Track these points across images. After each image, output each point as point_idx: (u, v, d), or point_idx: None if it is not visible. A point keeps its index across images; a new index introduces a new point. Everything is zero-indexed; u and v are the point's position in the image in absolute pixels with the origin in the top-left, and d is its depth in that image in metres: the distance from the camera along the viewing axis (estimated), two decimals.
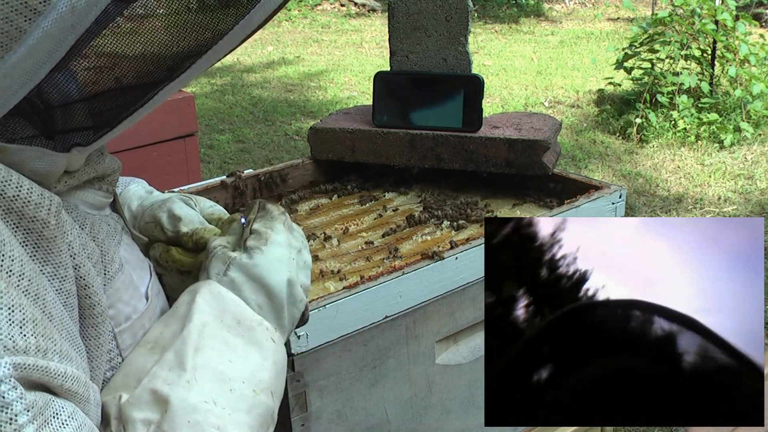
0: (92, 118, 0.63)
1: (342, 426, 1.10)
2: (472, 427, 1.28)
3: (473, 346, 1.25)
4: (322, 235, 1.34)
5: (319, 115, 5.72)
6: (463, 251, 1.17)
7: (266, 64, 7.75)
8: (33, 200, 0.58)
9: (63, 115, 0.61)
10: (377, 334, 1.10)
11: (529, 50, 8.12)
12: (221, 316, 0.70)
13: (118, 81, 0.61)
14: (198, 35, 0.60)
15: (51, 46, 0.53)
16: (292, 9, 10.93)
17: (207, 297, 0.71)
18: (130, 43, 0.59)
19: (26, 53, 0.52)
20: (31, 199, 0.58)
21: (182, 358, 0.67)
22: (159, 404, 0.64)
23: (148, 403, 0.64)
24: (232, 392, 0.67)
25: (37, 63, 0.53)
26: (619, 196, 1.38)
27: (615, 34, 8.69)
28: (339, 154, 1.55)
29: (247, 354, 0.70)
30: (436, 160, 1.50)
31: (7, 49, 0.51)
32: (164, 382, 0.65)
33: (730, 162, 4.56)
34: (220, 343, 0.69)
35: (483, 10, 10.40)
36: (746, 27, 5.07)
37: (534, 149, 1.42)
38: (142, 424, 0.63)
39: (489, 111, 5.43)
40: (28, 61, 0.53)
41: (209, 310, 0.70)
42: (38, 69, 0.54)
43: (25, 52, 0.52)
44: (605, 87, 5.80)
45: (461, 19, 1.47)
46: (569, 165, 4.59)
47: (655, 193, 4.18)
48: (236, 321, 0.71)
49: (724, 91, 5.22)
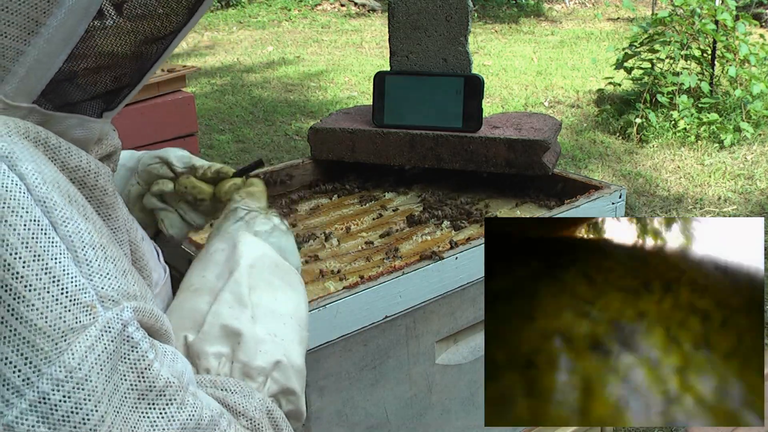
0: (117, 79, 0.65)
1: (342, 426, 1.10)
2: (472, 427, 1.28)
3: (473, 346, 1.25)
4: (322, 235, 1.34)
5: (319, 115, 5.72)
6: (463, 251, 1.17)
7: (266, 64, 7.75)
8: (92, 169, 0.60)
9: (94, 79, 0.64)
10: (377, 334, 1.10)
11: (529, 50, 8.11)
12: (263, 260, 0.79)
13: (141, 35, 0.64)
14: None
15: (87, 3, 0.56)
16: (292, 9, 10.93)
17: (250, 245, 0.80)
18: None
19: (67, 14, 0.55)
20: (90, 168, 0.60)
21: (240, 297, 0.74)
22: (230, 338, 0.71)
23: (218, 338, 0.70)
24: (285, 326, 0.75)
25: (75, 22, 0.56)
26: (619, 196, 1.38)
27: (615, 34, 8.68)
28: (339, 154, 1.55)
29: (287, 294, 0.79)
30: (436, 160, 1.50)
31: (48, 14, 0.54)
32: (232, 318, 0.72)
33: (730, 162, 4.56)
34: (266, 284, 0.77)
35: (483, 10, 10.40)
36: (746, 27, 5.07)
37: (534, 149, 1.42)
38: (215, 357, 0.70)
39: (489, 111, 5.43)
40: (69, 22, 0.55)
41: (253, 256, 0.78)
42: (77, 28, 0.57)
43: (66, 12, 0.55)
44: (605, 87, 5.80)
45: (461, 19, 1.47)
46: (569, 165, 4.59)
47: (655, 193, 4.18)
48: (275, 265, 0.80)
49: (724, 91, 5.22)
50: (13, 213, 0.50)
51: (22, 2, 0.53)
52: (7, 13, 0.53)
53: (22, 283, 0.49)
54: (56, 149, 0.58)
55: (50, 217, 0.52)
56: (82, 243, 0.54)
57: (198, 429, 0.59)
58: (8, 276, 0.49)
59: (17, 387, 0.49)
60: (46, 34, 0.55)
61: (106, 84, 0.65)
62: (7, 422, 0.49)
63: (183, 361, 0.62)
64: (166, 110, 2.97)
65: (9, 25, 0.53)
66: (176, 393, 0.58)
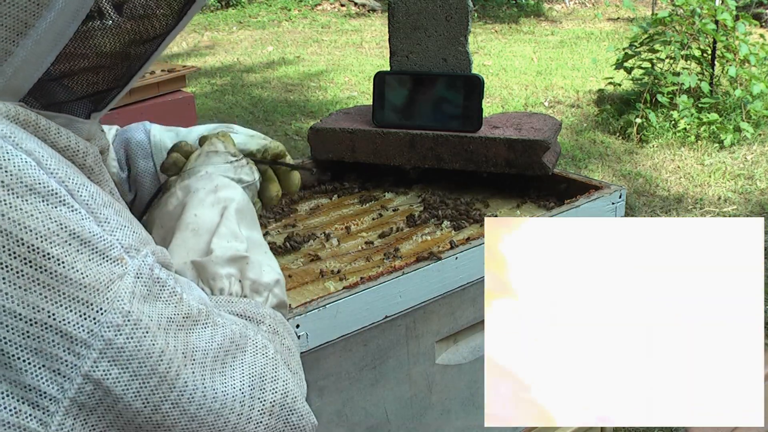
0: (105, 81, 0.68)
1: (342, 426, 1.10)
2: (472, 427, 1.28)
3: (473, 346, 1.25)
4: (322, 235, 1.34)
5: (319, 115, 5.72)
6: (463, 251, 1.17)
7: (266, 64, 7.75)
8: (81, 149, 0.63)
9: (82, 80, 0.66)
10: (377, 334, 1.10)
11: (529, 50, 8.12)
12: (246, 206, 0.89)
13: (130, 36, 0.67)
14: None
15: (77, 5, 0.58)
16: (292, 9, 10.93)
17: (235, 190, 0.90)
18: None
19: (56, 16, 0.57)
20: (79, 148, 0.63)
21: (235, 234, 0.84)
22: (237, 261, 0.80)
23: (228, 262, 0.80)
24: (266, 254, 0.85)
25: (65, 24, 0.58)
26: (619, 196, 1.38)
27: (615, 34, 8.68)
28: (339, 154, 1.55)
29: (257, 227, 0.91)
30: (436, 160, 1.50)
31: (38, 17, 0.56)
32: (233, 249, 0.81)
33: (730, 162, 4.56)
34: (248, 224, 0.88)
35: (483, 10, 10.40)
36: (746, 27, 5.07)
37: (534, 149, 1.42)
38: (226, 277, 0.79)
39: (489, 111, 5.44)
40: (58, 24, 0.58)
41: (238, 200, 0.88)
42: (66, 30, 0.59)
43: (55, 15, 0.57)
44: (605, 87, 5.80)
45: (461, 19, 1.47)
46: (569, 165, 4.59)
47: (655, 193, 4.18)
48: (252, 211, 0.91)
49: (724, 91, 5.22)
50: (30, 191, 0.53)
51: (11, 5, 0.54)
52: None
53: (59, 250, 0.53)
54: (46, 131, 0.60)
55: (66, 186, 0.56)
56: (97, 204, 0.58)
57: (233, 344, 0.66)
58: (46, 245, 0.53)
59: (83, 340, 0.54)
60: (34, 36, 0.56)
61: (94, 85, 0.67)
62: (84, 372, 0.55)
63: (197, 287, 0.70)
64: (166, 110, 2.97)
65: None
66: (208, 317, 0.65)
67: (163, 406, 0.59)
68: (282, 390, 0.70)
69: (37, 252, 0.53)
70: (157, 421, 0.59)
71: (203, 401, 0.62)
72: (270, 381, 0.69)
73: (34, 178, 0.54)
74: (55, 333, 0.53)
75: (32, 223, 0.53)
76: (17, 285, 0.52)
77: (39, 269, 0.53)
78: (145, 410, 0.58)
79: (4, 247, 0.52)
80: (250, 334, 0.69)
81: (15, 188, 0.53)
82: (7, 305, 0.52)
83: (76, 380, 0.54)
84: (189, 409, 0.61)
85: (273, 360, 0.71)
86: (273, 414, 0.68)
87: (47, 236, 0.53)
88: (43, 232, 0.53)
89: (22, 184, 0.53)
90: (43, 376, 0.54)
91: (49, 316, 0.53)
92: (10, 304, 0.52)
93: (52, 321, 0.53)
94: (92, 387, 0.55)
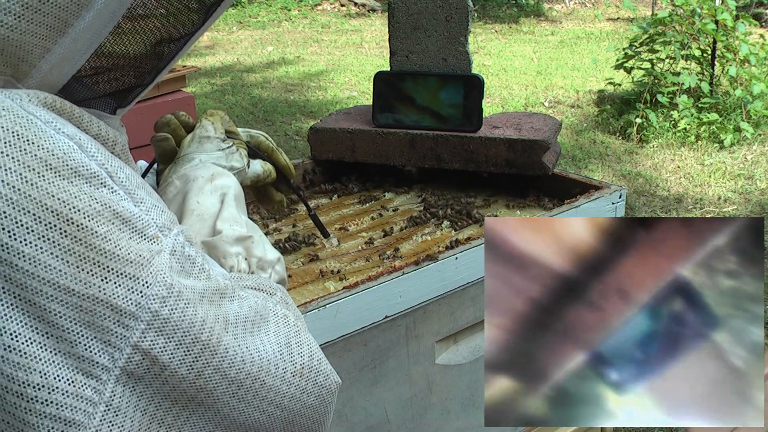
0: (133, 78, 0.71)
1: (342, 426, 1.10)
2: (472, 427, 1.28)
3: (473, 346, 1.25)
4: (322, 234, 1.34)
5: (319, 115, 5.72)
6: (463, 251, 1.17)
7: (266, 64, 7.75)
8: (111, 138, 0.66)
9: (112, 77, 0.69)
10: (377, 334, 1.10)
11: (529, 50, 8.12)
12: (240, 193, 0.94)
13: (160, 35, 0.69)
14: None
15: (115, 6, 0.61)
16: (292, 9, 10.94)
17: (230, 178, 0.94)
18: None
19: (95, 16, 0.59)
20: (109, 137, 0.65)
21: (235, 218, 0.88)
22: (243, 241, 0.85)
23: (235, 242, 0.85)
24: (262, 236, 0.89)
25: (102, 24, 0.61)
26: (619, 196, 1.38)
27: (615, 34, 8.68)
28: (339, 154, 1.55)
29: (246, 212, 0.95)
30: (436, 160, 1.50)
31: (77, 16, 0.58)
32: (237, 232, 0.86)
33: (730, 162, 4.56)
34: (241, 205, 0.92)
35: (483, 10, 10.41)
36: (746, 27, 5.07)
37: (534, 149, 1.42)
38: (235, 255, 0.84)
39: (489, 111, 5.44)
40: (96, 24, 0.60)
41: (234, 188, 0.92)
42: (102, 29, 0.62)
43: (94, 15, 0.59)
44: (605, 87, 5.80)
45: (461, 19, 1.47)
46: (569, 165, 4.59)
47: (655, 193, 4.18)
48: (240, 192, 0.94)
49: (724, 91, 5.22)
50: (75, 174, 0.56)
51: (54, 4, 0.57)
52: (39, 14, 0.56)
53: (105, 229, 0.57)
54: (80, 119, 0.62)
55: (106, 169, 0.59)
56: (133, 186, 0.61)
57: (257, 314, 0.70)
58: (93, 224, 0.56)
59: (131, 312, 0.57)
60: (73, 34, 0.59)
61: (121, 82, 0.70)
62: (133, 343, 0.58)
63: (217, 264, 0.75)
64: (166, 110, 2.97)
65: (39, 25, 0.57)
66: (234, 291, 0.69)
67: (206, 371, 0.63)
68: (308, 353, 0.74)
69: (85, 230, 0.56)
70: (201, 386, 0.63)
71: (242, 365, 0.66)
72: (296, 345, 0.73)
73: (77, 161, 0.57)
74: (106, 306, 0.56)
75: (79, 204, 0.56)
76: (69, 262, 0.55)
77: (88, 247, 0.56)
78: (189, 376, 0.62)
79: (55, 226, 0.54)
80: (270, 306, 0.74)
81: (61, 171, 0.55)
82: (60, 281, 0.55)
83: (125, 350, 0.58)
84: (230, 373, 0.65)
85: (295, 326, 0.75)
86: (303, 375, 0.73)
87: (93, 216, 0.56)
88: (90, 211, 0.56)
89: (67, 167, 0.56)
90: (96, 347, 0.57)
91: (100, 291, 0.56)
92: (63, 280, 0.55)
93: (102, 295, 0.56)
94: (141, 356, 0.58)
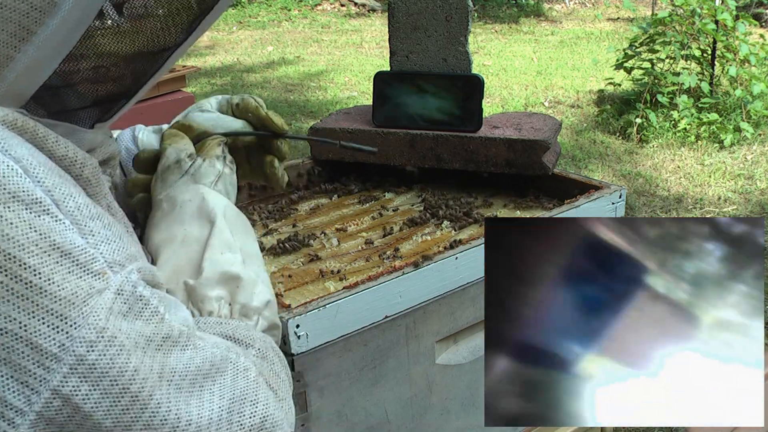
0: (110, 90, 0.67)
1: (342, 426, 1.10)
2: (472, 427, 1.28)
3: (473, 346, 1.25)
4: (322, 235, 1.34)
5: (319, 115, 5.72)
6: (463, 251, 1.17)
7: (266, 64, 7.75)
8: (78, 159, 0.62)
9: (87, 89, 0.66)
10: (377, 334, 1.10)
11: (529, 50, 8.12)
12: (229, 211, 0.84)
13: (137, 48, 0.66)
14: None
15: (81, 14, 0.58)
16: (292, 9, 10.93)
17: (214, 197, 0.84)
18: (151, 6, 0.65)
19: (60, 23, 0.56)
20: (77, 159, 0.62)
21: (229, 244, 0.79)
22: (229, 282, 0.77)
23: (218, 283, 0.76)
24: (260, 267, 0.82)
25: (68, 31, 0.58)
26: (619, 196, 1.38)
27: (615, 34, 8.68)
28: (339, 154, 1.55)
29: (252, 237, 0.86)
30: (436, 160, 1.50)
31: (40, 24, 0.55)
32: (228, 264, 0.77)
33: (730, 162, 4.56)
34: (238, 230, 0.83)
35: (483, 10, 10.40)
36: (746, 27, 5.07)
37: (534, 149, 1.42)
38: (216, 300, 0.76)
39: (489, 111, 5.43)
40: (61, 31, 0.57)
41: (221, 206, 0.83)
42: (70, 37, 0.58)
43: (59, 22, 0.56)
44: (605, 87, 5.80)
45: (461, 19, 1.47)
46: (569, 165, 4.59)
47: (655, 193, 4.18)
48: (236, 213, 0.85)
49: (724, 91, 5.22)
50: (13, 198, 0.52)
51: (14, 10, 0.54)
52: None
53: (37, 261, 0.53)
54: (44, 139, 0.59)
55: (52, 196, 0.55)
56: (84, 216, 0.57)
57: (213, 367, 0.65)
58: (24, 255, 0.52)
59: (54, 354, 0.53)
60: (37, 42, 0.56)
61: (99, 94, 0.66)
62: (53, 387, 0.54)
63: (183, 308, 0.67)
64: (166, 110, 2.97)
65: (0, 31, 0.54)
66: (189, 339, 0.63)
67: (135, 427, 0.58)
68: (261, 414, 0.68)
69: (14, 261, 0.52)
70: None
71: (177, 424, 0.60)
72: (250, 404, 0.67)
73: (18, 185, 0.53)
74: (26, 344, 0.53)
75: (11, 231, 0.52)
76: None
77: (14, 278, 0.52)
78: (115, 430, 0.57)
79: None
80: (232, 357, 0.68)
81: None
82: None
83: (43, 394, 0.54)
84: (162, 431, 0.59)
85: (254, 383, 0.69)
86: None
87: (26, 245, 0.52)
88: (22, 240, 0.52)
89: (4, 190, 0.52)
90: (11, 386, 0.53)
91: (21, 327, 0.52)
92: None
93: (23, 332, 0.52)
94: (60, 402, 0.54)
